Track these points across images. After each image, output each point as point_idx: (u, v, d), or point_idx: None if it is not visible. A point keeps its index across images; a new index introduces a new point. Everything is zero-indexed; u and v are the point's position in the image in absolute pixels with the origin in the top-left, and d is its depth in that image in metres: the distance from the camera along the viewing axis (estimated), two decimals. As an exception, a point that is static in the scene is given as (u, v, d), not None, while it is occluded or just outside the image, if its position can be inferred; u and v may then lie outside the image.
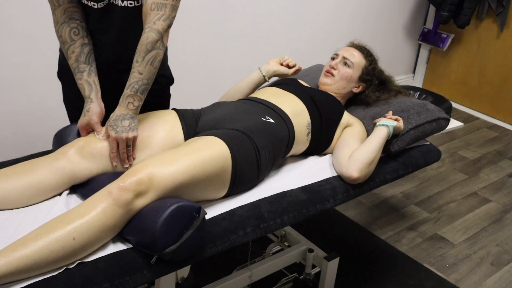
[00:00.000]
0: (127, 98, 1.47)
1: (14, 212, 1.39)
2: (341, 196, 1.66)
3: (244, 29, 2.97)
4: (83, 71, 1.54)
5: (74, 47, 1.53)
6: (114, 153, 1.48)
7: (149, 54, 1.45)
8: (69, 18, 1.51)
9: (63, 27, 1.52)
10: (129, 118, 1.48)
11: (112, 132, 1.47)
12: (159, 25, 1.44)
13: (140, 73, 1.46)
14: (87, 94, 1.54)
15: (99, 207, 1.24)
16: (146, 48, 1.44)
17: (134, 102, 1.47)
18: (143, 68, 1.45)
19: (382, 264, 2.26)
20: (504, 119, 3.79)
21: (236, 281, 1.72)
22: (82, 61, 1.54)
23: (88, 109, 1.53)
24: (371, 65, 1.97)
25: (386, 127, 1.77)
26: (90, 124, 1.54)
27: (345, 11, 3.44)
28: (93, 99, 1.54)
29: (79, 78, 1.54)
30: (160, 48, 1.46)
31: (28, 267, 1.15)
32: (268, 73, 1.96)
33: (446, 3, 3.59)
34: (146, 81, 1.47)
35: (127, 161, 1.49)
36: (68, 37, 1.52)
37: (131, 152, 1.50)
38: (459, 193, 2.87)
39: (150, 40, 1.44)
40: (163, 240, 1.22)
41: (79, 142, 1.49)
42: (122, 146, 1.47)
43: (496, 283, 2.22)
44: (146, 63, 1.45)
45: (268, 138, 1.59)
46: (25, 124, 2.35)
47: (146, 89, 1.48)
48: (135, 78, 1.46)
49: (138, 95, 1.47)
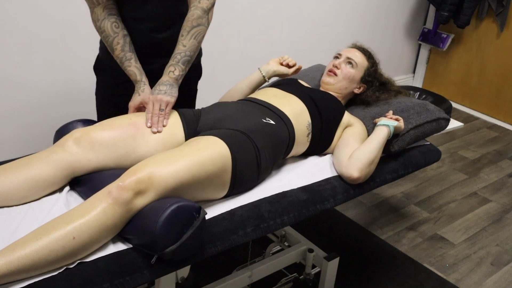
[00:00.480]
0: (169, 67, 1.61)
1: (14, 211, 1.38)
2: (341, 196, 1.66)
3: (244, 29, 2.97)
4: (130, 58, 1.67)
5: (118, 39, 1.66)
6: (149, 114, 1.57)
7: (194, 29, 1.61)
8: (108, 14, 1.65)
9: (105, 23, 1.65)
10: (167, 84, 1.61)
11: (151, 94, 1.61)
12: (203, 3, 1.61)
13: (184, 46, 1.60)
14: (139, 78, 1.67)
15: (99, 207, 1.24)
16: (191, 23, 1.60)
17: (175, 71, 1.61)
18: (187, 41, 1.60)
19: (382, 264, 2.26)
20: (504, 119, 3.79)
21: (236, 281, 1.72)
22: (127, 50, 1.67)
23: (143, 89, 1.66)
24: (373, 67, 1.98)
25: (387, 127, 1.77)
26: (143, 102, 1.64)
27: (345, 11, 3.44)
28: (145, 82, 1.67)
29: (128, 65, 1.68)
30: (205, 24, 1.63)
31: (28, 266, 1.15)
32: (268, 74, 1.96)
33: (446, 3, 3.59)
34: (189, 53, 1.61)
35: (156, 125, 1.56)
36: (111, 30, 1.66)
37: (162, 117, 1.58)
38: (459, 193, 2.87)
39: (195, 16, 1.60)
40: (163, 240, 1.22)
41: (77, 133, 1.48)
42: (156, 107, 1.57)
43: (496, 283, 2.22)
44: (190, 37, 1.60)
45: (269, 139, 1.59)
46: (25, 124, 2.35)
47: (187, 61, 1.62)
48: (178, 50, 1.61)
49: (179, 65, 1.61)
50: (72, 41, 2.34)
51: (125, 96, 1.72)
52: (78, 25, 2.32)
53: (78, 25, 2.32)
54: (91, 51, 2.29)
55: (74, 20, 2.31)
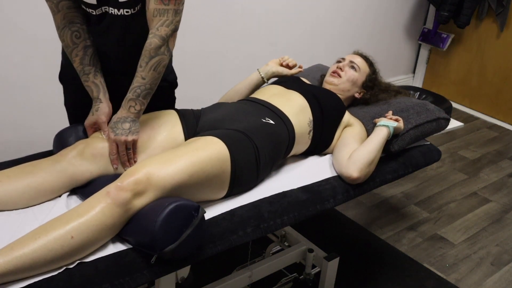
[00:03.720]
0: (129, 102, 1.48)
1: (14, 212, 1.39)
2: (341, 196, 1.66)
3: (244, 29, 2.97)
4: (89, 73, 1.56)
5: (77, 50, 1.55)
6: (114, 155, 1.49)
7: (153, 60, 1.45)
8: (69, 22, 1.53)
9: (64, 32, 1.53)
10: (130, 121, 1.49)
11: (111, 134, 1.48)
12: (162, 31, 1.44)
13: (143, 78, 1.46)
14: (95, 95, 1.56)
15: (97, 207, 1.25)
16: (149, 54, 1.45)
17: (136, 106, 1.48)
18: (146, 74, 1.46)
19: (382, 264, 2.26)
20: (504, 119, 3.79)
21: (236, 281, 1.72)
22: (86, 63, 1.56)
23: (97, 108, 1.55)
24: (374, 74, 2.02)
25: (387, 128, 1.77)
26: (97, 123, 1.55)
27: (345, 11, 3.44)
28: (102, 100, 1.56)
29: (85, 80, 1.56)
30: (165, 53, 1.47)
31: (27, 265, 1.15)
32: (266, 75, 1.96)
33: (446, 3, 3.59)
34: (149, 86, 1.48)
35: (127, 163, 1.50)
36: (70, 41, 1.54)
37: (131, 155, 1.51)
38: (459, 193, 2.87)
39: (153, 46, 1.44)
40: (163, 239, 1.22)
41: (80, 145, 1.50)
42: (122, 148, 1.48)
43: (496, 283, 2.22)
44: (149, 69, 1.46)
45: (268, 138, 1.59)
46: (25, 125, 2.35)
47: (149, 93, 1.49)
48: (138, 83, 1.47)
49: (140, 99, 1.48)
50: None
51: None
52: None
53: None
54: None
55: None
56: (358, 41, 3.61)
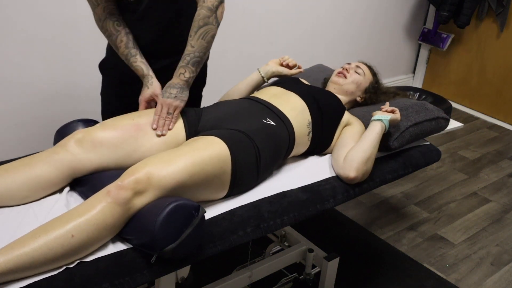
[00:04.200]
0: (180, 69, 1.59)
1: (14, 212, 1.39)
2: (341, 196, 1.66)
3: (244, 29, 2.97)
4: (135, 54, 1.68)
5: (121, 36, 1.67)
6: (156, 116, 1.56)
7: (201, 29, 1.56)
8: (109, 14, 1.66)
9: (106, 22, 1.66)
10: (178, 87, 1.59)
11: (160, 96, 1.59)
12: (208, 2, 1.56)
13: (192, 46, 1.57)
14: (146, 72, 1.67)
15: (98, 206, 1.25)
16: (198, 23, 1.56)
17: (185, 73, 1.59)
18: (195, 42, 1.57)
19: (382, 264, 2.26)
20: (504, 119, 3.79)
21: (236, 281, 1.72)
22: (131, 47, 1.68)
23: (151, 83, 1.65)
24: (377, 84, 2.04)
25: (380, 122, 1.74)
26: (154, 95, 1.64)
27: (345, 11, 3.44)
28: (152, 76, 1.67)
29: (134, 61, 1.68)
30: (213, 23, 1.57)
31: (27, 265, 1.15)
32: (267, 74, 1.96)
33: (446, 3, 3.59)
34: (198, 53, 1.58)
35: (161, 128, 1.56)
36: (113, 29, 1.67)
37: (169, 121, 1.57)
38: (459, 193, 2.87)
39: (201, 16, 1.56)
40: (163, 239, 1.22)
41: (79, 134, 1.49)
42: (164, 110, 1.57)
43: (496, 283, 2.22)
44: (198, 37, 1.56)
45: (269, 139, 1.59)
46: (25, 124, 2.35)
47: (197, 62, 1.59)
48: (187, 51, 1.58)
49: (189, 66, 1.58)
50: (71, 41, 2.34)
51: (130, 96, 1.72)
52: (77, 25, 2.32)
53: (77, 25, 2.32)
54: (90, 51, 2.30)
55: (74, 20, 2.31)
56: (358, 41, 3.61)
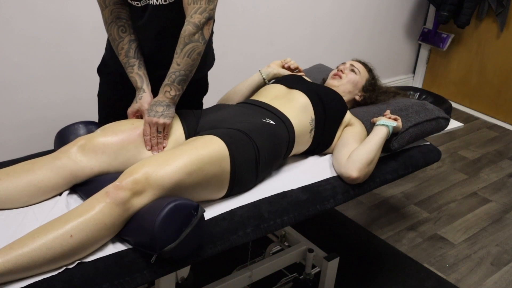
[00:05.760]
0: (165, 87, 1.56)
1: (14, 212, 1.39)
2: (341, 196, 1.66)
3: (244, 29, 2.97)
4: (133, 65, 1.65)
5: (123, 44, 1.64)
6: (147, 137, 1.54)
7: (187, 47, 1.52)
8: (116, 18, 1.63)
9: (111, 26, 1.63)
10: (164, 105, 1.55)
11: (146, 115, 1.55)
12: (195, 18, 1.50)
13: (178, 64, 1.53)
14: (139, 85, 1.64)
15: (97, 207, 1.25)
16: (184, 40, 1.52)
17: (171, 91, 1.55)
18: (181, 60, 1.53)
19: (382, 264, 2.26)
20: (504, 119, 3.79)
21: (236, 281, 1.72)
22: (131, 56, 1.65)
23: (140, 97, 1.63)
24: (373, 80, 2.04)
25: (386, 127, 1.77)
26: (140, 110, 1.63)
27: (345, 11, 3.44)
28: (145, 90, 1.64)
29: (130, 71, 1.65)
30: (199, 41, 1.52)
31: (26, 265, 1.15)
32: (268, 76, 1.97)
33: (446, 3, 3.59)
34: (183, 72, 1.54)
35: (156, 147, 1.54)
36: (116, 34, 1.64)
37: (161, 139, 1.55)
38: (459, 193, 2.87)
39: (187, 33, 1.51)
40: (162, 239, 1.22)
41: (81, 141, 1.49)
42: (153, 130, 1.54)
43: (496, 283, 2.22)
44: (183, 55, 1.52)
45: (268, 138, 1.59)
46: (25, 124, 2.35)
47: (183, 80, 1.55)
48: (173, 69, 1.54)
49: (174, 84, 1.54)
50: (71, 42, 2.34)
51: (127, 100, 1.71)
52: (77, 27, 2.32)
53: (77, 27, 2.32)
54: (90, 52, 2.30)
55: (74, 21, 2.31)
56: (358, 41, 3.61)
